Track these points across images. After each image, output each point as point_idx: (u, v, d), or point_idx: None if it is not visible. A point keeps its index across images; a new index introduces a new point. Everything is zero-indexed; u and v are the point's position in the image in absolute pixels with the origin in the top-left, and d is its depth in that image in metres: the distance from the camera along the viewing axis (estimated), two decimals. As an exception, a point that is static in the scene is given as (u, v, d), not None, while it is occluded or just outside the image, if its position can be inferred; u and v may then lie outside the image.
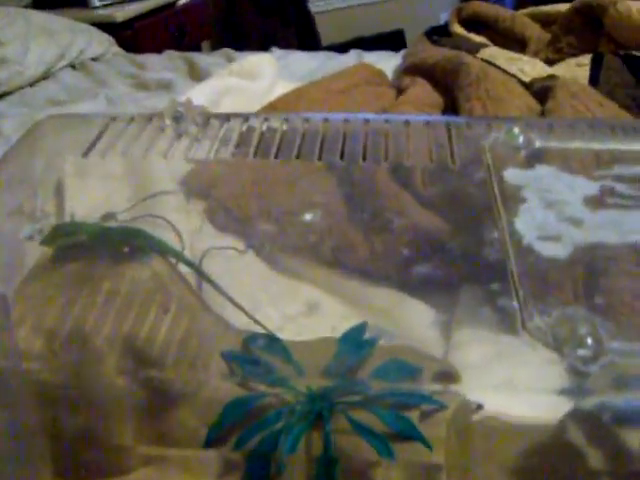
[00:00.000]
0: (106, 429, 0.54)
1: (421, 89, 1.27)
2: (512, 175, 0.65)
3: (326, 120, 0.70)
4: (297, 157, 0.65)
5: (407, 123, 0.70)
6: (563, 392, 0.53)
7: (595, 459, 0.50)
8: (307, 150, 0.65)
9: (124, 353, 0.54)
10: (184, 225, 0.80)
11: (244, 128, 0.68)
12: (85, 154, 0.65)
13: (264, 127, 0.68)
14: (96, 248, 0.62)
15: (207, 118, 0.68)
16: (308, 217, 0.75)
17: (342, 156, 0.65)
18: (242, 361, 0.60)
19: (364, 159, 0.65)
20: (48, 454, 0.52)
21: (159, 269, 0.61)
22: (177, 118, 0.68)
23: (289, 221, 0.75)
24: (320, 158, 0.65)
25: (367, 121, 0.71)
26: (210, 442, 0.55)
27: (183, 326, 0.57)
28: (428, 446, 0.52)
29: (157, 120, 0.68)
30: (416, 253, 0.72)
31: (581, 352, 0.52)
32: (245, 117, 0.70)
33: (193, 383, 0.56)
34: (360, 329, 0.62)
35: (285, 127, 0.68)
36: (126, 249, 0.61)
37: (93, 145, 0.66)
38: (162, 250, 0.65)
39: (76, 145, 0.67)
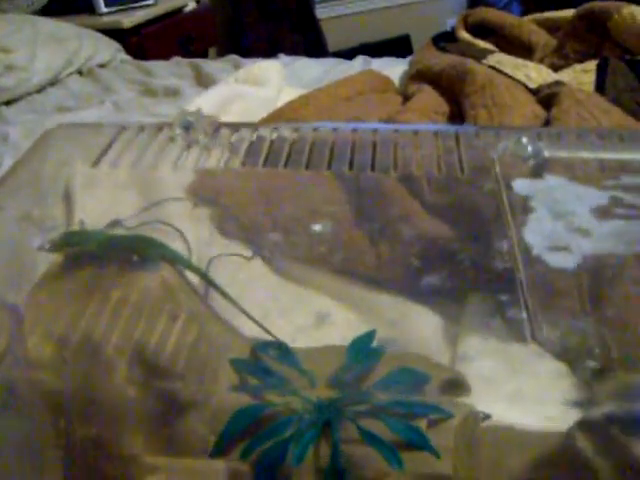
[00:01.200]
0: (116, 438, 0.54)
1: (427, 96, 1.27)
2: (521, 185, 0.65)
3: (335, 130, 0.70)
4: (306, 167, 0.65)
5: (416, 133, 0.70)
6: (571, 403, 0.53)
7: (603, 470, 0.50)
8: (316, 160, 0.65)
9: (134, 362, 0.54)
10: (191, 233, 0.80)
11: (254, 137, 0.68)
12: (95, 164, 0.65)
13: (274, 136, 0.68)
14: (105, 256, 0.62)
15: (217, 127, 0.69)
16: (316, 226, 0.75)
17: (351, 166, 0.65)
18: (251, 369, 0.60)
19: (373, 169, 0.65)
20: (58, 463, 0.52)
21: (168, 277, 0.61)
22: (187, 127, 0.68)
23: (297, 230, 0.75)
24: (329, 167, 0.65)
25: (376, 131, 0.71)
26: (218, 451, 0.55)
27: (192, 335, 0.57)
28: (437, 456, 0.52)
29: (167, 130, 0.69)
30: (425, 262, 0.72)
31: (590, 363, 0.52)
32: (255, 127, 0.70)
33: (202, 392, 0.56)
34: (368, 337, 0.62)
35: (295, 136, 0.68)
36: (135, 257, 0.61)
37: (103, 154, 0.66)
38: (170, 258, 0.65)
39: (86, 154, 0.67)
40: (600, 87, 1.27)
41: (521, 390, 0.56)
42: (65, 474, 0.52)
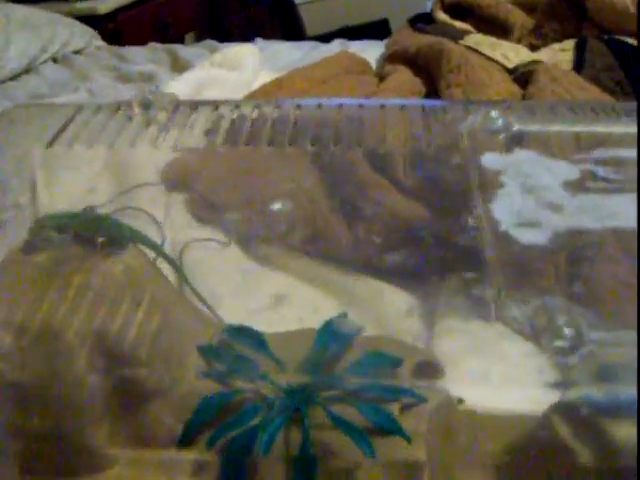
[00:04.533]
0: (77, 429, 0.52)
1: (402, 76, 1.26)
2: (490, 160, 0.64)
3: (298, 106, 0.68)
4: (268, 144, 0.63)
5: (382, 108, 0.69)
6: (542, 385, 0.52)
7: (581, 453, 0.49)
8: (278, 136, 0.63)
9: (95, 350, 0.53)
10: (164, 217, 0.79)
11: (214, 115, 0.67)
12: (51, 143, 0.63)
13: (234, 114, 0.67)
14: (67, 241, 0.60)
15: (176, 105, 0.67)
16: (284, 205, 0.73)
17: (315, 142, 0.63)
18: (218, 355, 0.58)
19: (336, 144, 0.63)
20: (16, 454, 0.50)
21: (132, 262, 0.59)
22: (145, 106, 0.66)
23: (265, 210, 0.74)
24: (291, 144, 0.63)
25: (340, 106, 0.69)
26: (186, 440, 0.53)
27: (156, 321, 0.55)
28: (408, 441, 0.50)
29: (125, 108, 0.67)
30: (392, 240, 0.70)
31: (559, 343, 0.51)
32: (215, 104, 0.69)
33: (167, 379, 0.54)
34: (339, 320, 0.61)
35: (256, 114, 0.67)
36: (99, 241, 0.59)
37: (59, 134, 0.64)
38: (135, 240, 0.63)
39: (43, 134, 0.65)
40: (578, 66, 1.27)
41: (489, 372, 0.55)
42: (24, 467, 0.51)
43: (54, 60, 2.03)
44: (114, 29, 2.43)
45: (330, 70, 1.38)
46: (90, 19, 2.31)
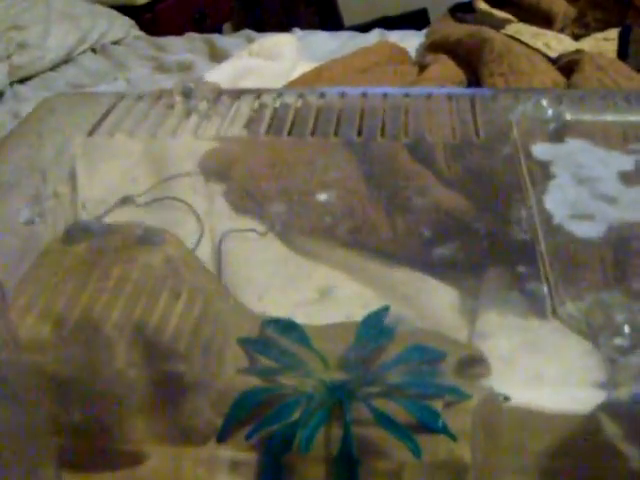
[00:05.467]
0: (116, 422, 0.52)
1: (443, 66, 1.24)
2: (541, 150, 0.62)
3: (343, 95, 0.67)
4: (312, 134, 0.62)
5: (429, 97, 0.67)
6: (597, 385, 0.50)
7: (630, 454, 0.47)
8: (322, 126, 0.62)
9: (135, 342, 0.52)
10: (203, 207, 0.78)
11: (256, 105, 0.66)
12: (91, 132, 0.63)
13: (277, 103, 0.66)
14: (106, 231, 0.60)
15: (218, 94, 0.66)
16: (326, 197, 0.72)
17: (360, 133, 0.62)
18: (258, 348, 0.57)
19: (383, 135, 0.62)
20: (53, 450, 0.50)
21: (172, 253, 0.58)
22: (187, 95, 0.65)
23: (307, 201, 0.73)
24: (336, 134, 0.62)
25: (386, 95, 0.67)
26: (224, 434, 0.53)
27: (196, 312, 0.54)
28: (454, 440, 0.49)
29: (166, 97, 0.66)
30: (439, 234, 0.69)
31: (618, 341, 0.49)
32: (257, 93, 0.67)
33: (207, 373, 0.54)
34: (381, 313, 0.60)
35: (300, 103, 0.65)
36: (138, 231, 0.59)
37: (100, 123, 0.63)
38: None
39: (83, 123, 0.64)
40: (622, 56, 1.24)
41: (542, 371, 0.53)
42: (61, 462, 0.50)
43: (93, 50, 2.04)
44: (152, 19, 2.44)
45: (369, 60, 1.37)
46: (128, 9, 2.32)
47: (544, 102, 0.63)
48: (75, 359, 0.51)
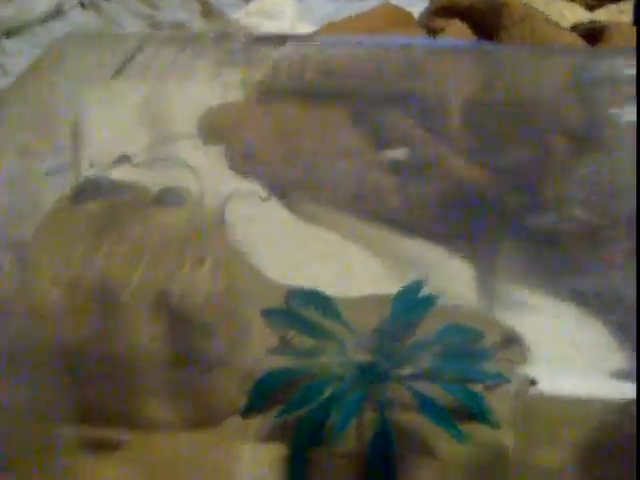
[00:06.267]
0: (134, 395, 0.48)
1: (458, 31, 1.20)
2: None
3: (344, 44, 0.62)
4: (312, 93, 0.57)
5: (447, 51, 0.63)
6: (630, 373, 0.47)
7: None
8: (322, 83, 0.58)
9: (155, 312, 0.48)
10: (203, 168, 0.74)
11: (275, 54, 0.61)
12: (109, 82, 0.58)
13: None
14: (120, 188, 0.55)
15: (253, 41, 0.61)
16: (336, 164, 0.68)
17: (370, 95, 0.58)
18: (285, 320, 0.53)
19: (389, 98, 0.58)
20: (67, 431, 0.46)
21: (193, 214, 0.54)
22: (218, 40, 0.61)
23: (315, 167, 0.69)
24: (337, 94, 0.58)
25: (408, 46, 0.63)
26: (249, 411, 0.49)
27: (222, 282, 0.50)
28: (497, 427, 0.46)
29: (197, 43, 0.61)
30: (459, 208, 0.65)
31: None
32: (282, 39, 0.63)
33: (232, 346, 0.50)
34: (416, 287, 0.56)
35: (299, 56, 0.61)
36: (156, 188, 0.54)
37: (120, 71, 0.58)
38: None
39: (100, 70, 0.60)
40: (637, 27, 1.21)
41: (568, 353, 0.50)
42: (75, 443, 0.46)
43: (82, 5, 1.98)
44: (144, -25, 2.38)
45: (372, 23, 1.33)
46: (119, -36, 2.26)
47: (619, 61, 0.58)
48: (89, 328, 0.47)
